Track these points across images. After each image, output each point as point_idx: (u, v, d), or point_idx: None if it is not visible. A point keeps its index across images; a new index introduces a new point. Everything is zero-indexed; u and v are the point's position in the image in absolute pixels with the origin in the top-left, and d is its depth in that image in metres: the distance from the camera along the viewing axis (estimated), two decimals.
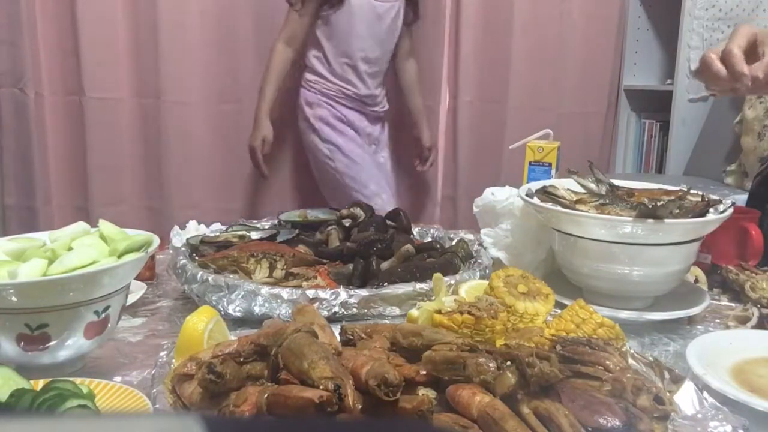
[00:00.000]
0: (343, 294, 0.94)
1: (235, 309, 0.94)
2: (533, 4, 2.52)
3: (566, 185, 1.13)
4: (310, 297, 0.93)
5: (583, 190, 1.13)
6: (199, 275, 0.98)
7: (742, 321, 1.00)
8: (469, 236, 1.26)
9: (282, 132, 2.41)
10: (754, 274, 1.11)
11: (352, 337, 0.77)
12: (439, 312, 0.81)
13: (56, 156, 2.41)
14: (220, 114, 2.45)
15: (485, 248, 1.15)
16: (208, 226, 1.27)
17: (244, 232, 1.21)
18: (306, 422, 0.38)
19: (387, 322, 0.90)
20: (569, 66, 2.56)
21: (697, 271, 1.13)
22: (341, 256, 1.13)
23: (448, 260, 1.10)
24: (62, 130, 2.40)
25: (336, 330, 0.79)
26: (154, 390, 0.70)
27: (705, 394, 0.70)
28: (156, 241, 0.87)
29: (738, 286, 1.10)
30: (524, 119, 2.53)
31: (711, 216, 0.99)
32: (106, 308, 0.80)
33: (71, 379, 0.69)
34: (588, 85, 2.61)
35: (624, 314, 0.96)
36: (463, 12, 2.52)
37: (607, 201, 1.03)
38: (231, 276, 1.00)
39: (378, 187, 2.27)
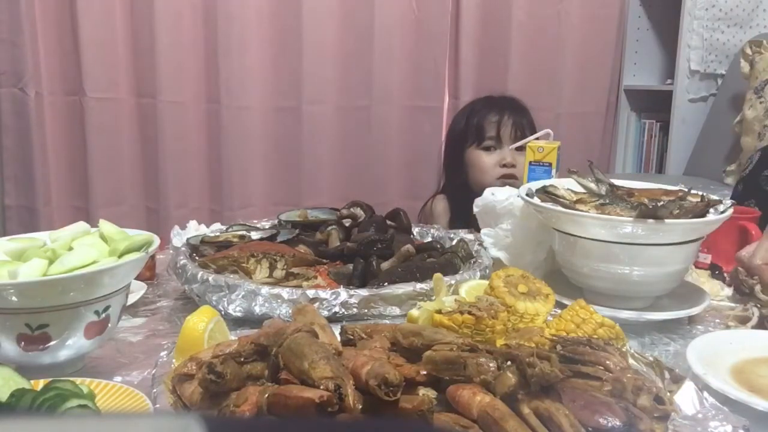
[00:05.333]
0: (343, 294, 0.94)
1: (235, 309, 0.94)
2: (532, 4, 2.52)
3: (566, 185, 1.13)
4: (310, 297, 0.93)
5: (583, 190, 1.13)
6: (199, 275, 0.98)
7: (742, 321, 1.00)
8: (469, 236, 1.26)
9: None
10: None
11: (352, 337, 0.77)
12: (439, 312, 0.81)
13: (56, 156, 2.41)
14: (220, 114, 2.45)
15: (485, 248, 1.15)
16: (208, 226, 1.27)
17: (244, 232, 1.21)
18: (306, 422, 0.38)
19: (387, 322, 0.90)
20: (569, 66, 2.56)
21: (703, 276, 1.13)
22: (341, 256, 1.13)
23: (448, 260, 1.09)
24: (62, 130, 2.40)
25: (336, 330, 0.79)
26: (155, 390, 0.70)
27: (705, 394, 0.70)
28: (156, 241, 0.87)
29: (748, 287, 1.10)
30: None
31: (711, 216, 0.99)
32: (107, 308, 0.80)
33: (71, 379, 0.69)
34: (587, 85, 2.61)
35: (624, 314, 0.96)
36: (462, 12, 2.52)
37: (607, 201, 1.03)
38: (231, 276, 1.00)
39: None
